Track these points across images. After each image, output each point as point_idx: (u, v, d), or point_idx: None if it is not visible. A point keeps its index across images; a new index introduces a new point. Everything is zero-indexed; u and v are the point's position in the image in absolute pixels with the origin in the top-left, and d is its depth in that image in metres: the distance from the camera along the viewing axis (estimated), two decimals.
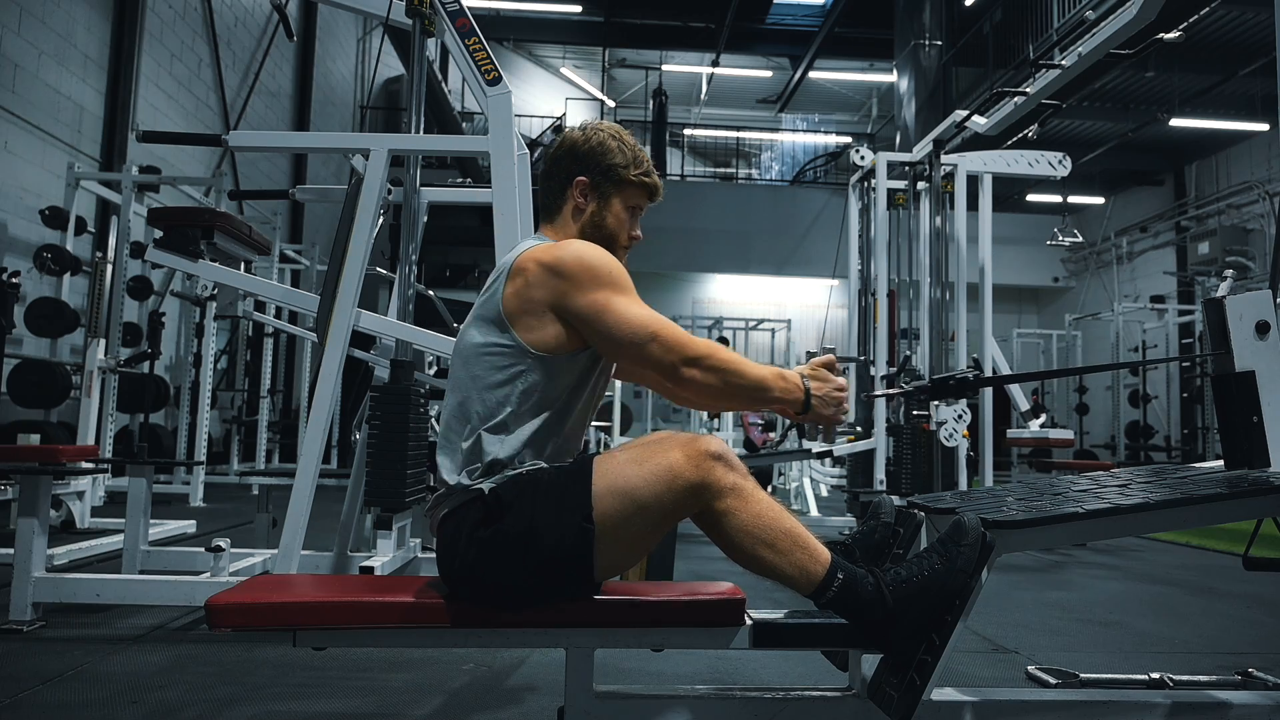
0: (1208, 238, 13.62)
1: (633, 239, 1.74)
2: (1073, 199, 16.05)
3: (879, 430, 5.52)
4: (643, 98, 18.67)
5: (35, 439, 5.46)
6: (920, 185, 5.89)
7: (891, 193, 6.06)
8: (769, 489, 6.88)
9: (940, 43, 12.46)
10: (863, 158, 6.23)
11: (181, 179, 7.28)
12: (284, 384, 10.66)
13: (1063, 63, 4.50)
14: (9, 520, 3.68)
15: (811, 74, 17.70)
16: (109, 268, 6.32)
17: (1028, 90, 4.94)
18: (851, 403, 1.65)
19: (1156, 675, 2.33)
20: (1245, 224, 13.63)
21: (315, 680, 2.33)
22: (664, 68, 18.28)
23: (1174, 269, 14.75)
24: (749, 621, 1.55)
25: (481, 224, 4.09)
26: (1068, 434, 5.91)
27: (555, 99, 17.97)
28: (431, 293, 3.76)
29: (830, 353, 1.69)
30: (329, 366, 2.83)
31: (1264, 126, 12.59)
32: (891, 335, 5.89)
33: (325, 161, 13.39)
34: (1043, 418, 5.98)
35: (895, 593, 1.52)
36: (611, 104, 19.27)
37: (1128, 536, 1.92)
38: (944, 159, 5.55)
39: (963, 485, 5.26)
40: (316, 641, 1.50)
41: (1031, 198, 15.81)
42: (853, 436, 5.90)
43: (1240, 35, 10.87)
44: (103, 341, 5.87)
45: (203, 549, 3.01)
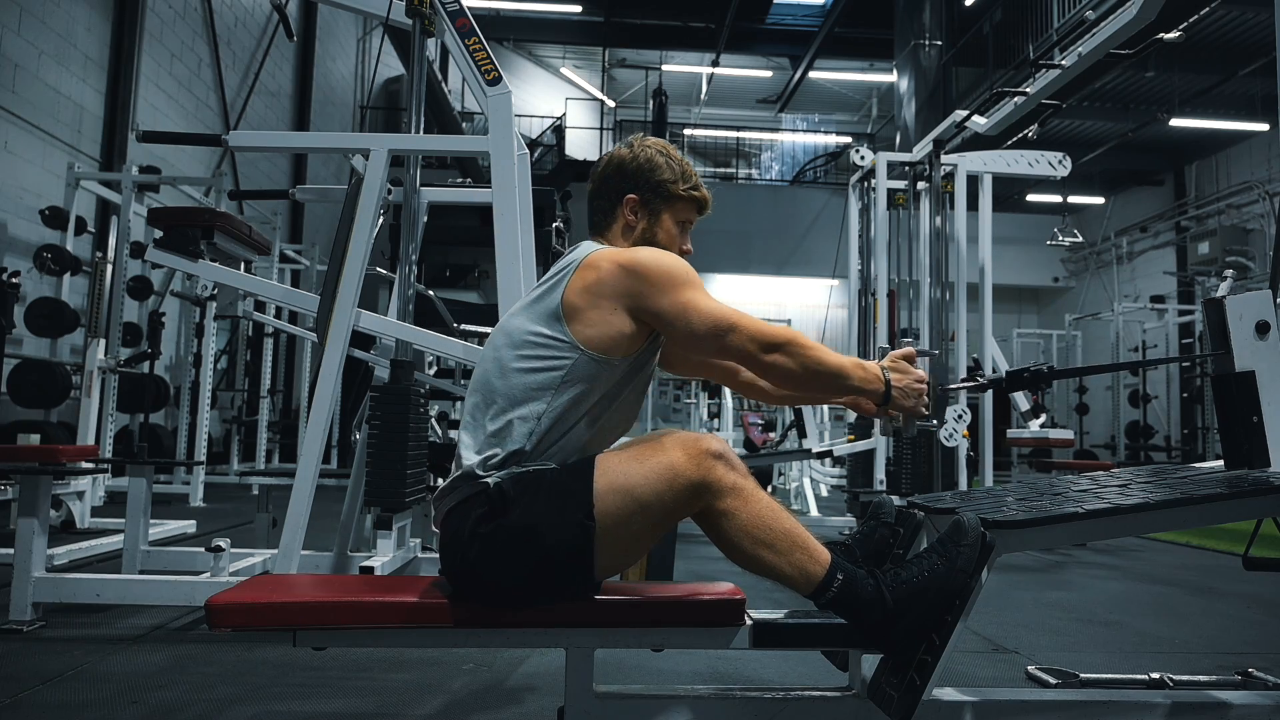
0: (1208, 238, 13.63)
1: (684, 253, 1.76)
2: (1073, 199, 16.06)
3: (879, 430, 5.52)
4: (643, 98, 18.69)
5: (35, 439, 5.47)
6: (920, 185, 5.89)
7: (891, 193, 6.06)
8: (769, 489, 6.87)
9: (940, 43, 12.46)
10: (863, 158, 6.23)
11: (181, 179, 7.28)
12: (284, 384, 10.67)
13: (1063, 63, 4.50)
14: (9, 520, 3.68)
15: (811, 74, 17.71)
16: (109, 268, 6.32)
17: (1028, 90, 4.94)
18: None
19: (1156, 675, 2.33)
20: (1245, 224, 13.64)
21: (315, 680, 2.33)
22: (664, 68, 18.29)
23: (1174, 269, 14.75)
24: (749, 621, 1.55)
25: (481, 224, 4.08)
26: (1068, 434, 5.90)
27: (555, 99, 17.98)
28: (431, 293, 3.76)
29: (910, 345, 1.71)
30: (329, 366, 2.83)
31: (1264, 126, 12.60)
32: (891, 335, 5.89)
33: (325, 161, 13.40)
34: (1043, 418, 5.98)
35: (895, 593, 1.53)
36: (611, 104, 19.27)
37: (1128, 536, 1.92)
38: (944, 159, 5.55)
39: (963, 485, 5.26)
40: (316, 641, 1.50)
41: (1031, 198, 15.81)
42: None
43: (1240, 35, 10.88)
44: (103, 341, 5.87)
45: (203, 549, 3.01)
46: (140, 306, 7.37)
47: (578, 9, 15.38)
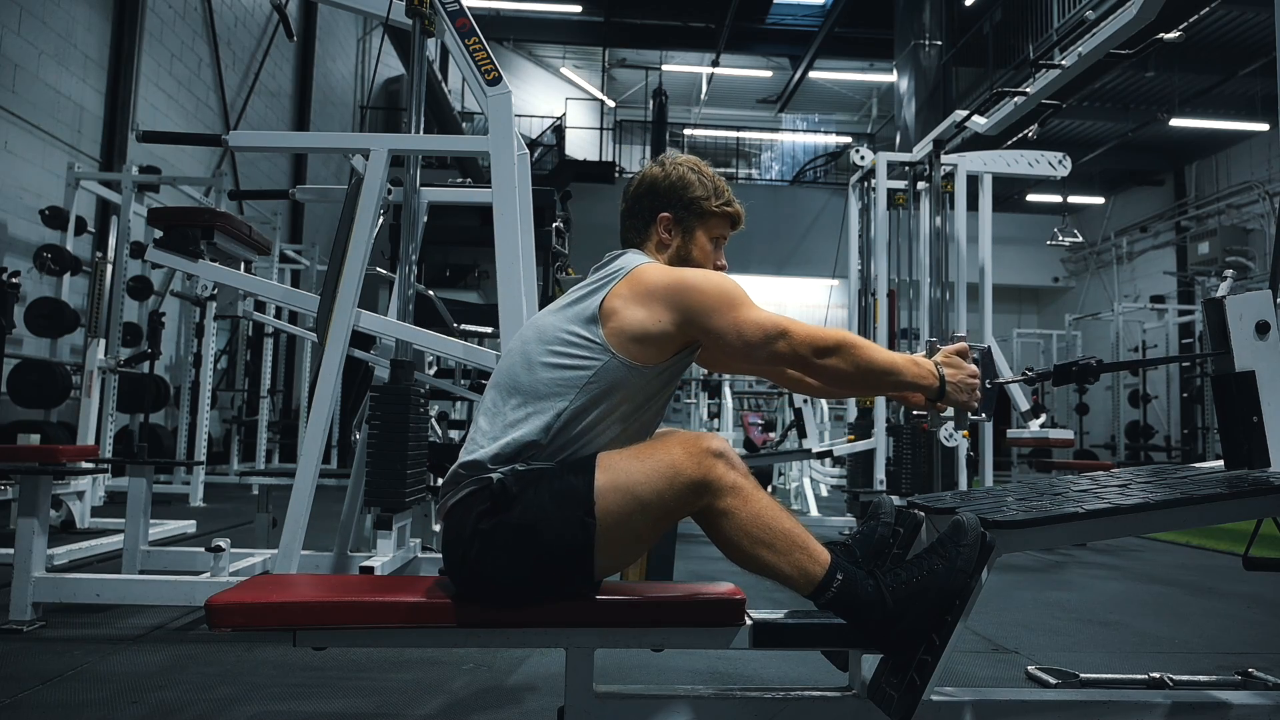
0: (1208, 238, 13.62)
1: (719, 268, 1.77)
2: (1073, 199, 16.06)
3: (879, 430, 5.52)
4: (643, 98, 18.67)
5: (35, 439, 5.45)
6: (920, 185, 5.89)
7: (891, 193, 6.06)
8: (769, 489, 6.87)
9: (940, 43, 12.45)
10: (863, 158, 6.23)
11: (181, 179, 7.28)
12: (284, 384, 10.66)
13: (1063, 63, 4.50)
14: (9, 520, 3.68)
15: (811, 74, 17.70)
16: (109, 268, 6.32)
17: (1028, 90, 4.94)
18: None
19: (1156, 675, 2.33)
20: (1245, 224, 13.63)
21: (315, 680, 2.33)
22: (664, 68, 18.28)
23: (1174, 269, 14.75)
24: (749, 621, 1.55)
25: (481, 224, 4.08)
26: (1068, 434, 5.90)
27: (555, 99, 17.98)
28: (431, 293, 3.76)
29: (962, 340, 1.72)
30: (329, 366, 2.83)
31: (1264, 126, 12.60)
32: (891, 335, 5.90)
33: (325, 161, 13.40)
34: (1043, 418, 5.98)
35: (895, 593, 1.53)
36: (611, 104, 19.27)
37: (1128, 536, 1.92)
38: (944, 159, 5.55)
39: (963, 485, 5.26)
40: (316, 641, 1.50)
41: (1031, 198, 15.81)
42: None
43: (1240, 35, 10.87)
44: (103, 341, 5.87)
45: (203, 549, 3.01)
46: (140, 306, 7.37)
47: (578, 9, 15.37)
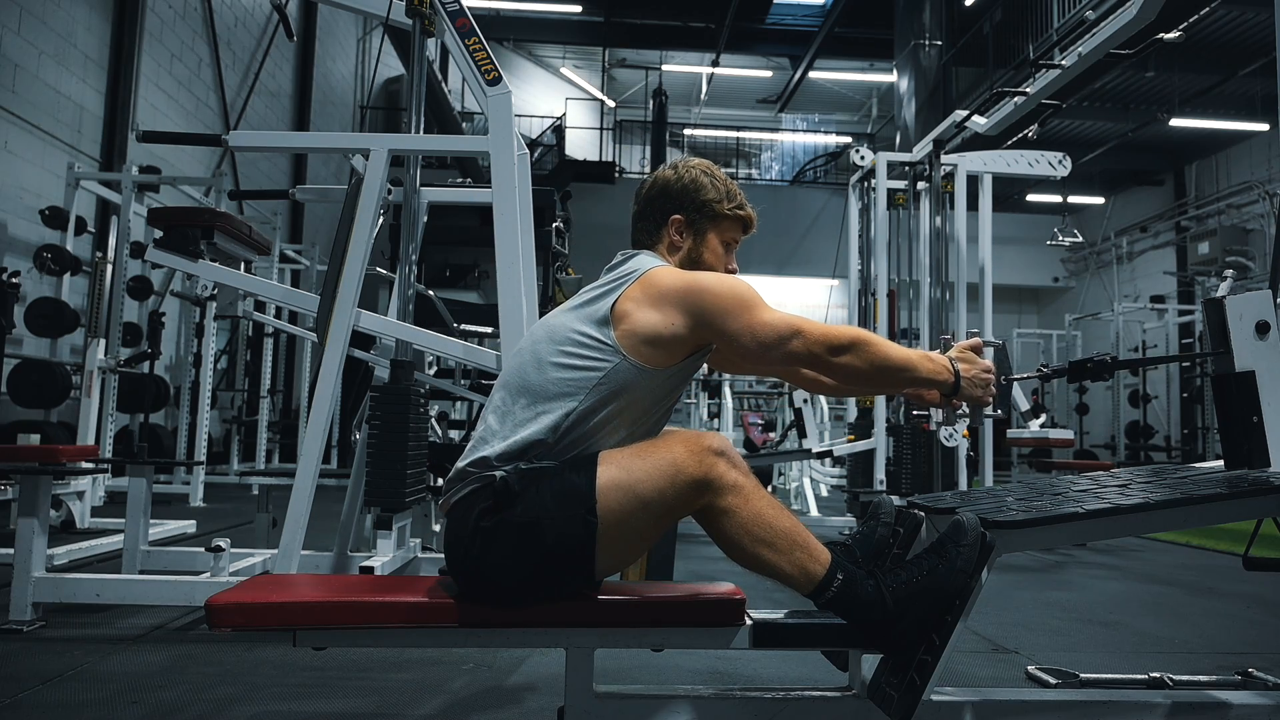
0: (1208, 238, 13.61)
1: (730, 271, 1.77)
2: (1073, 199, 16.06)
3: (879, 430, 5.52)
4: (643, 98, 18.68)
5: (35, 439, 5.46)
6: (920, 185, 5.89)
7: (891, 193, 6.06)
8: (769, 489, 6.88)
9: (940, 43, 12.45)
10: (863, 158, 6.23)
11: (181, 179, 7.28)
12: (284, 384, 10.66)
13: (1063, 63, 4.49)
14: (9, 520, 3.68)
15: (811, 74, 17.70)
16: (109, 268, 6.32)
17: (1028, 90, 4.93)
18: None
19: (1156, 675, 2.33)
20: (1245, 224, 13.63)
21: (315, 680, 2.33)
22: (664, 68, 18.28)
23: (1174, 269, 14.75)
24: (749, 621, 1.55)
25: (481, 224, 4.08)
26: (1068, 434, 5.89)
27: (555, 99, 17.98)
28: (431, 293, 3.76)
29: (976, 336, 1.72)
30: (329, 366, 2.83)
31: (1264, 126, 12.60)
32: (891, 335, 5.89)
33: (325, 161, 13.40)
34: (1043, 418, 5.98)
35: (895, 593, 1.53)
36: (611, 104, 19.27)
37: (1128, 536, 1.92)
38: (944, 159, 5.55)
39: (963, 485, 5.26)
40: (316, 641, 1.50)
41: (1031, 198, 15.81)
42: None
43: (1240, 35, 10.87)
44: (103, 341, 5.87)
45: (203, 549, 3.01)
46: (140, 306, 7.37)
47: (578, 9, 15.37)
